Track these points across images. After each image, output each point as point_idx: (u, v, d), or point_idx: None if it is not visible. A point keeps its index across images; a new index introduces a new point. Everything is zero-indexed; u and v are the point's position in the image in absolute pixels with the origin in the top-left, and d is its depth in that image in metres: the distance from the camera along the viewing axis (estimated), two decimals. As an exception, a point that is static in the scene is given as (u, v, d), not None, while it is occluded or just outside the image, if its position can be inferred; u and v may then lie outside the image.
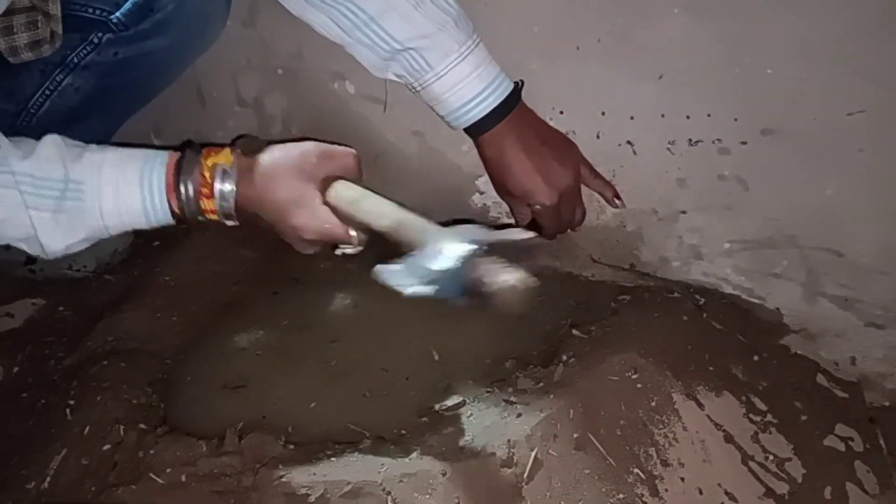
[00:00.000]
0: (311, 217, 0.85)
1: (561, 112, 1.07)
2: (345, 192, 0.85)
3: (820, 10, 0.84)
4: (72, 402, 0.96)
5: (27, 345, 1.11)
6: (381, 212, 0.84)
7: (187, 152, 0.86)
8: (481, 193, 1.21)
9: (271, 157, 0.86)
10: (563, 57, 1.02)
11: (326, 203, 0.85)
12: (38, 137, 0.84)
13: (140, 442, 0.90)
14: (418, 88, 1.01)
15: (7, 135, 0.84)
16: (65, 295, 1.22)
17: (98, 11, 1.02)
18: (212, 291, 1.22)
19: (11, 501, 0.90)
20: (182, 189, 0.84)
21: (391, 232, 0.84)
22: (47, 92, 1.06)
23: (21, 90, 1.06)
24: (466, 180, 1.20)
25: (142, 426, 0.93)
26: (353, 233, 0.87)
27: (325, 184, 0.85)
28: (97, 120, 1.14)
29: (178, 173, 0.85)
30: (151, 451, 0.89)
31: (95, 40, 1.03)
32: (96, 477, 0.89)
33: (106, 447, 0.91)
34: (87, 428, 0.93)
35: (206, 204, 0.86)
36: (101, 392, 0.96)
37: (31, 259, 1.24)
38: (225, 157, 0.86)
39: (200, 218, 0.88)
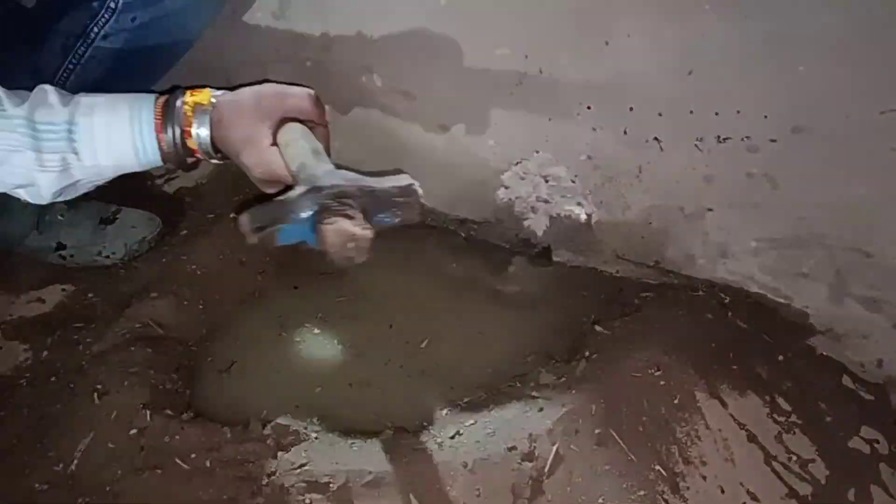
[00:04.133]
0: (258, 156, 0.85)
1: (588, 107, 1.06)
2: (283, 135, 0.84)
3: (854, 7, 0.83)
4: (99, 387, 0.97)
5: (57, 330, 1.13)
6: (295, 154, 0.82)
7: (173, 93, 0.87)
8: (506, 188, 1.21)
9: (232, 96, 0.87)
10: (592, 51, 1.01)
11: (275, 143, 0.84)
12: None
13: (166, 427, 0.92)
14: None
15: None
16: (94, 281, 1.24)
17: None
18: (237, 281, 1.23)
19: (40, 483, 0.91)
20: (169, 129, 0.85)
21: (294, 176, 0.80)
22: (70, 66, 1.07)
23: (46, 66, 1.08)
24: (492, 175, 1.21)
25: (168, 412, 0.94)
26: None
27: (279, 125, 0.85)
28: (122, 91, 1.15)
29: (164, 114, 0.85)
30: (177, 437, 0.90)
31: (112, 5, 1.04)
32: (123, 461, 0.90)
33: (132, 432, 0.92)
34: (115, 413, 0.95)
35: (190, 143, 0.87)
36: (129, 377, 0.98)
37: (61, 245, 1.26)
38: (205, 97, 0.87)
39: (189, 159, 0.89)
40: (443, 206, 1.32)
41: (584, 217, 1.17)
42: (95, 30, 1.06)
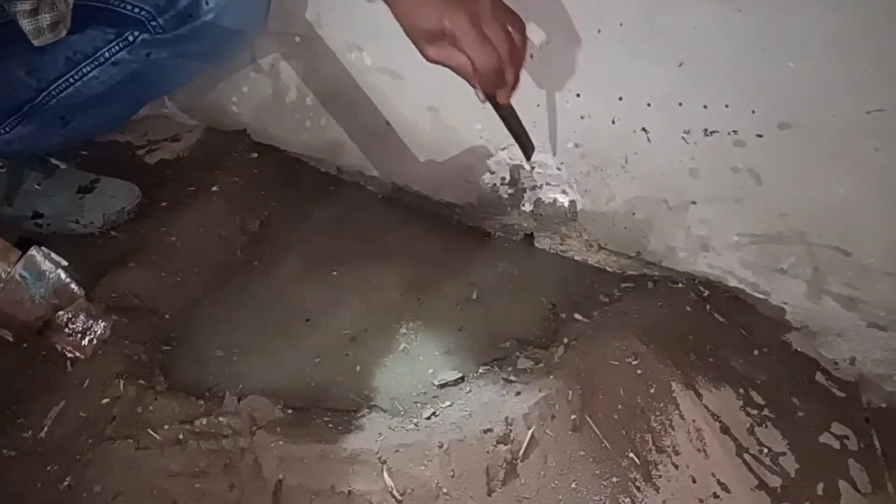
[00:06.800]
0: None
1: (578, 95, 1.06)
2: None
3: (846, 5, 0.83)
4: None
5: (30, 297, 1.11)
6: None
7: None
8: (492, 173, 1.21)
9: None
10: (583, 39, 1.01)
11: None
12: (56, 117, 1.02)
13: (139, 397, 0.91)
14: None
15: (22, 108, 1.01)
16: (70, 250, 1.20)
17: (138, 10, 0.99)
18: (216, 254, 1.22)
19: (8, 449, 0.90)
20: None
21: None
22: (72, 80, 1.03)
23: (45, 70, 1.03)
24: (478, 158, 1.20)
25: (141, 382, 0.94)
26: None
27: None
28: (117, 106, 1.12)
29: None
30: (150, 407, 0.90)
31: (130, 38, 1.01)
32: (94, 429, 0.89)
33: (105, 401, 0.91)
34: (87, 381, 0.94)
35: None
36: (103, 346, 0.96)
37: (38, 214, 1.24)
38: None
39: None
40: (427, 189, 1.32)
41: (568, 205, 1.17)
42: (106, 55, 1.02)
